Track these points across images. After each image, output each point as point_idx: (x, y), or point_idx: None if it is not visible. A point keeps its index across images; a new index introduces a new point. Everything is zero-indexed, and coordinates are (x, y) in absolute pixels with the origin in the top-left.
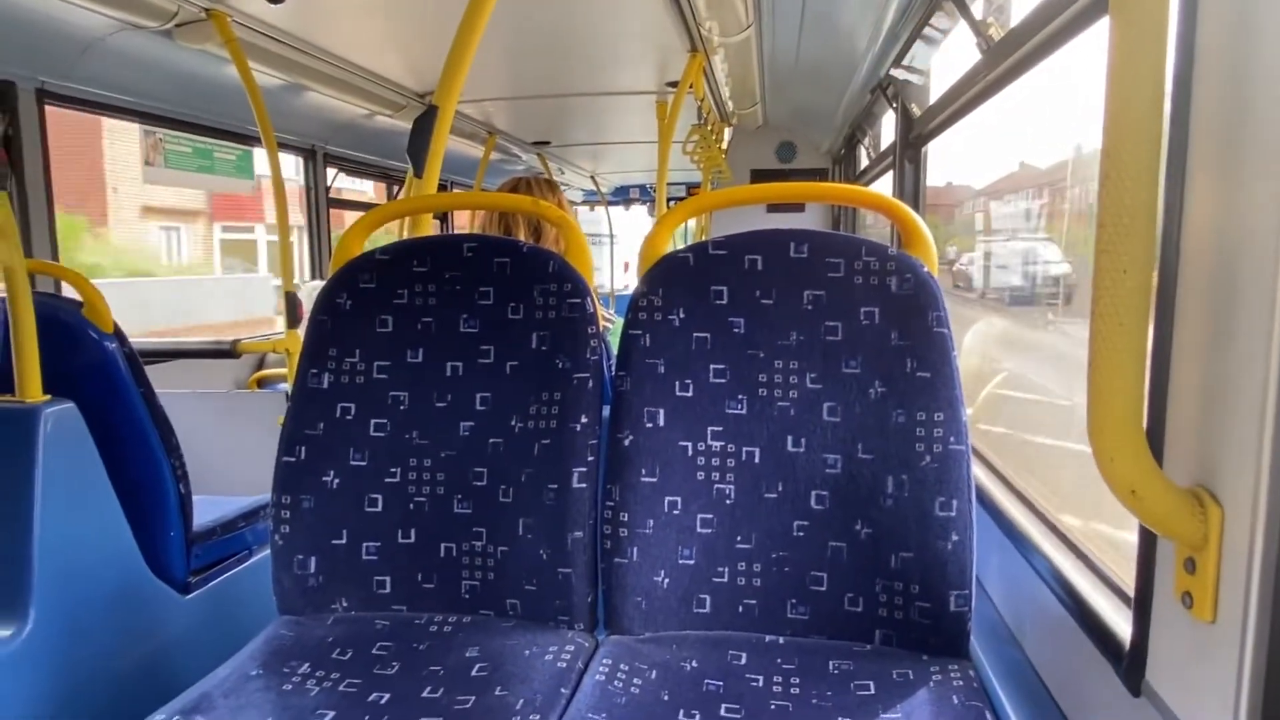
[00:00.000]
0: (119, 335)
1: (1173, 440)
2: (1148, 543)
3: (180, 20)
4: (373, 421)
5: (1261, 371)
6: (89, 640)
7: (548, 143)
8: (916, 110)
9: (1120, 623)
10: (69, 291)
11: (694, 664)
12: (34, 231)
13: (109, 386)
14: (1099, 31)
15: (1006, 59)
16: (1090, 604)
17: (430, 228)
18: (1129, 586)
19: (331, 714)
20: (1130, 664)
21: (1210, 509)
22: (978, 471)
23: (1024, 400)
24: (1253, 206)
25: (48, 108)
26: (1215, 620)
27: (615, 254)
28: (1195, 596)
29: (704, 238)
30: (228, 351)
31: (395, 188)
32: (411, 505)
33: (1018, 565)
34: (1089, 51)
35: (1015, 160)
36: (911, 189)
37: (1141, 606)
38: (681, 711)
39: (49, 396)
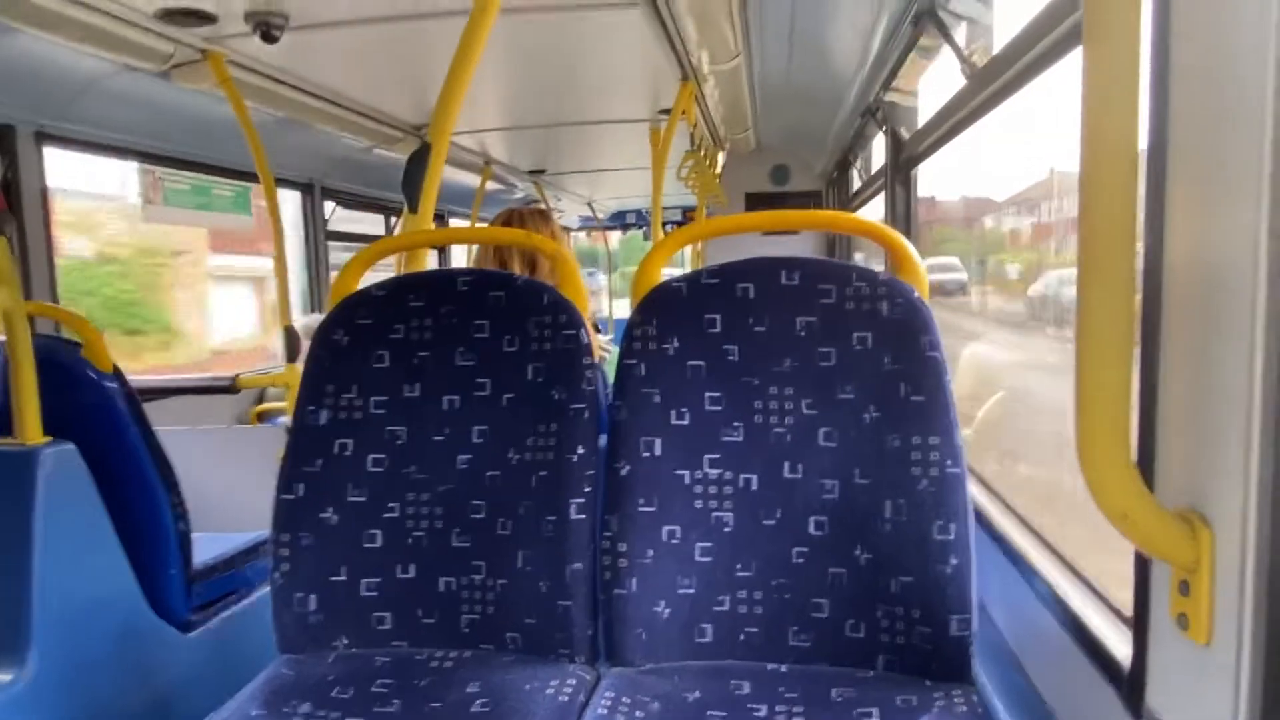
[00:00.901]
0: (118, 375)
1: (1162, 463)
2: (1143, 566)
3: (177, 62)
4: (370, 457)
5: (1246, 393)
6: (91, 681)
7: (543, 171)
8: (906, 133)
9: (1120, 645)
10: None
11: (696, 694)
12: (33, 273)
13: (108, 426)
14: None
15: (990, 84)
16: (1090, 627)
17: (426, 261)
18: (1128, 609)
19: None
20: (1130, 687)
21: (1200, 531)
22: (977, 495)
23: None
24: (1232, 229)
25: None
26: (1211, 642)
27: None
28: (1190, 618)
29: (700, 262)
30: (227, 387)
31: (394, 220)
32: (410, 540)
33: (1019, 588)
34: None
35: (1044, 166)
36: (903, 212)
37: (1139, 629)
38: None
39: (48, 438)
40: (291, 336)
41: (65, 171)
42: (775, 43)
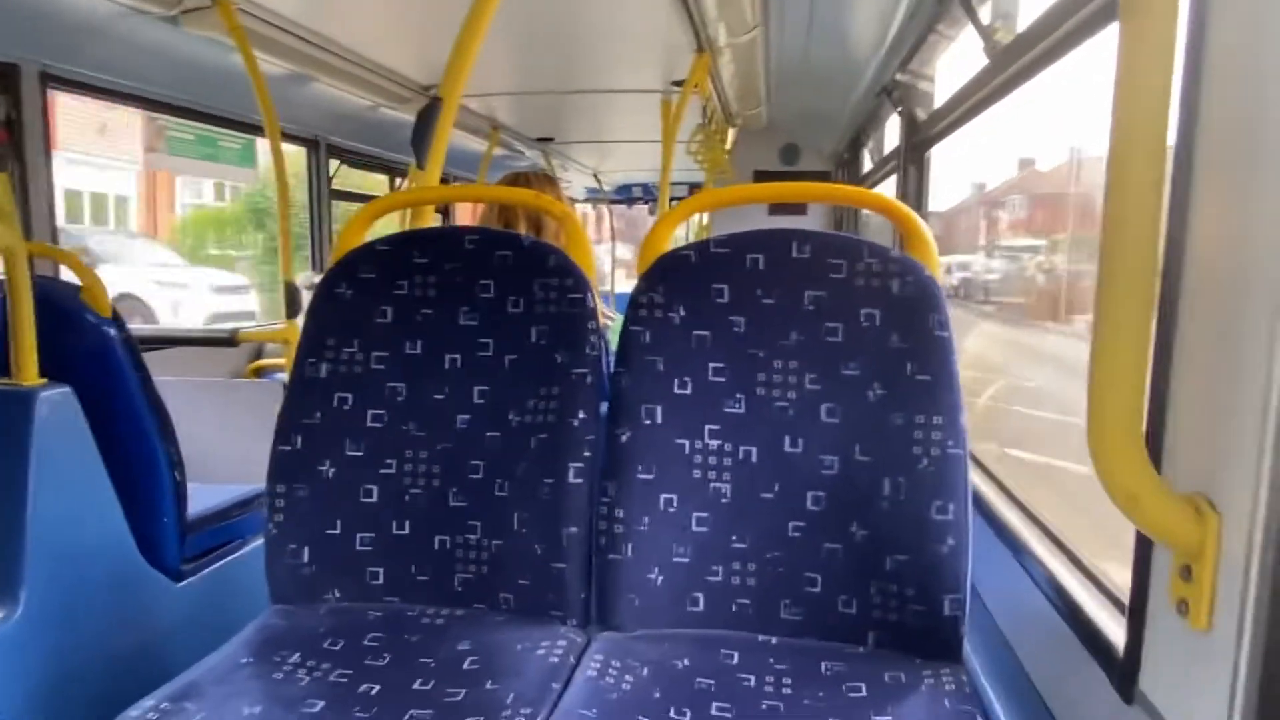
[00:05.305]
0: (117, 320)
1: (1172, 447)
2: (1144, 549)
3: (186, 6)
4: (370, 412)
5: (1262, 379)
6: (80, 625)
7: (551, 139)
8: (921, 115)
9: (1115, 629)
10: (66, 274)
11: (686, 662)
12: (34, 214)
13: (106, 371)
14: (1110, 36)
15: (1013, 64)
16: (1084, 610)
17: (432, 220)
18: (1124, 593)
19: (321, 704)
20: (1124, 671)
21: (1208, 516)
22: (975, 477)
23: None
24: (1259, 215)
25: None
26: (1210, 628)
27: None
28: (1191, 604)
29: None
30: (226, 340)
31: (398, 180)
32: (406, 497)
33: (1013, 570)
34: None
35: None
36: (915, 193)
37: (1136, 613)
38: (672, 709)
39: (45, 380)
40: (292, 291)
41: None
42: (794, 17)
